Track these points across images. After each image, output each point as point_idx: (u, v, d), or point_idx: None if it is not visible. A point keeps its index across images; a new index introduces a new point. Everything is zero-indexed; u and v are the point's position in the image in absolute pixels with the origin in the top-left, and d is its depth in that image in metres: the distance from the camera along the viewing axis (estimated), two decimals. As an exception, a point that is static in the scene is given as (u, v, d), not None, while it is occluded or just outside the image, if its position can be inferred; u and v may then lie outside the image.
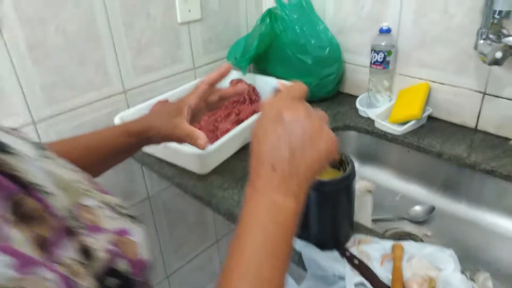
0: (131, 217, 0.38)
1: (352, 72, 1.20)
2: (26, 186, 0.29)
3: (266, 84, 1.16)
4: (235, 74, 1.16)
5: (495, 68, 0.89)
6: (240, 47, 1.10)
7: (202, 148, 0.64)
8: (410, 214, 0.95)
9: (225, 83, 1.17)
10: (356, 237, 0.68)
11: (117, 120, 0.93)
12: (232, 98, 0.80)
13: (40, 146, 0.39)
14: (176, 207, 1.29)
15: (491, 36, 0.83)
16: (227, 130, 0.96)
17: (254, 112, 1.05)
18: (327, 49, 1.12)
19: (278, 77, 1.16)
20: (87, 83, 0.96)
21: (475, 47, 0.86)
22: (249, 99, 1.09)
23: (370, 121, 1.06)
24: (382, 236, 0.70)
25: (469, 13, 0.89)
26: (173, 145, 0.83)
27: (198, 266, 1.47)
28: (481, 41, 0.84)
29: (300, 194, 0.39)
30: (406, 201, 1.00)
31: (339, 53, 1.16)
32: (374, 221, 0.93)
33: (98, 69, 0.97)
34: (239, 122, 1.01)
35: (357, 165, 1.10)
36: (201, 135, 0.63)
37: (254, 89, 1.14)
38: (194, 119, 0.70)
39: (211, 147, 0.84)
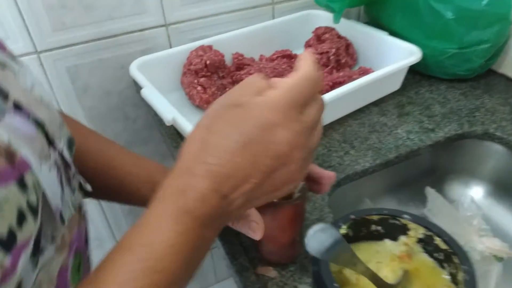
0: None
1: (524, 42, 0.72)
2: None
3: (371, 40, 0.76)
4: (325, 18, 0.79)
5: None
6: (340, -21, 0.71)
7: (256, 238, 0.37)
8: None
9: (307, 31, 0.80)
10: None
11: (133, 68, 0.66)
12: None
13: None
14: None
15: None
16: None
17: (338, 84, 0.68)
18: (488, -2, 0.66)
19: (394, 32, 0.75)
20: (112, 8, 0.70)
21: None
22: (335, 62, 0.72)
23: (535, 135, 0.61)
24: None
25: None
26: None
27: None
28: None
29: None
30: None
31: (508, 7, 0.69)
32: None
33: (128, -12, 0.70)
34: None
35: (488, 203, 0.67)
36: (258, 223, 0.36)
37: (348, 46, 0.75)
38: None
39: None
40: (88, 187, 0.37)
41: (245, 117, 0.26)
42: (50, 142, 0.30)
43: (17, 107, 0.28)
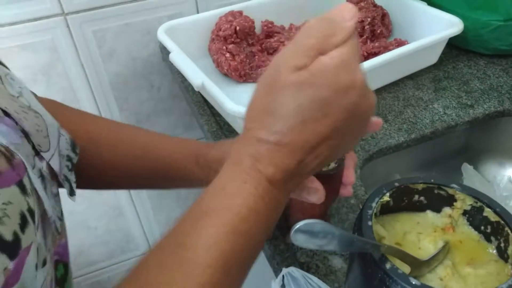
0: None
1: None
2: None
3: (408, 11, 0.72)
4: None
5: None
6: None
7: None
8: None
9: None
10: None
11: (161, 32, 0.65)
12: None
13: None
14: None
15: None
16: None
17: (373, 54, 0.65)
18: (541, -35, 0.62)
19: (433, 2, 0.71)
20: (140, -31, 0.68)
21: None
22: (370, 32, 0.69)
23: None
24: None
25: None
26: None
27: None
28: None
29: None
30: None
31: None
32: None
33: (157, -51, 0.67)
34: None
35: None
36: (318, 189, 0.33)
37: (384, 16, 0.72)
38: None
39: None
40: (74, 198, 0.36)
41: (315, 82, 0.25)
42: (36, 152, 0.29)
43: (6, 114, 0.27)
